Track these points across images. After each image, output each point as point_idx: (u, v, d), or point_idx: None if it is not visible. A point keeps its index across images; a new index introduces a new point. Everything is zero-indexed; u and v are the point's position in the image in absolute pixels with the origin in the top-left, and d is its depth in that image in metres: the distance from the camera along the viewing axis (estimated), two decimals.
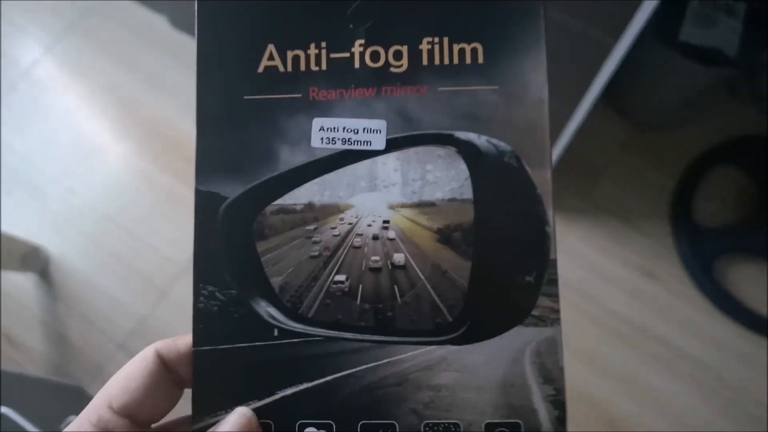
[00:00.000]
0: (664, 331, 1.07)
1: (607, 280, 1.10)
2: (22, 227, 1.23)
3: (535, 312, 0.31)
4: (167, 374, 0.30)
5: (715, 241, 1.05)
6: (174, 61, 1.31)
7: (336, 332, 0.32)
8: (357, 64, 0.32)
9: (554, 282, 0.31)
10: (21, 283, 1.20)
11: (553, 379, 0.30)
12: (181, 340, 0.32)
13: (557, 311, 0.31)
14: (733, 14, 0.87)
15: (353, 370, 0.31)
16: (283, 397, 0.31)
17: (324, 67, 0.33)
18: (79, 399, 1.01)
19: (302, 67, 0.33)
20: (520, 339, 0.31)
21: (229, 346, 0.32)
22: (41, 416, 0.81)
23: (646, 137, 1.17)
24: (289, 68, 0.33)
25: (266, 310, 0.32)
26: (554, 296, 0.31)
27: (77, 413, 0.30)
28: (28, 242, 1.19)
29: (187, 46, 1.26)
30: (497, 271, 0.31)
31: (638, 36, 0.71)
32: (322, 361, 0.31)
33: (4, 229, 1.17)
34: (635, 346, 1.07)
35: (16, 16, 1.40)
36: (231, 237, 0.32)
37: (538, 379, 0.30)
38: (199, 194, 0.32)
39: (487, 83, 0.32)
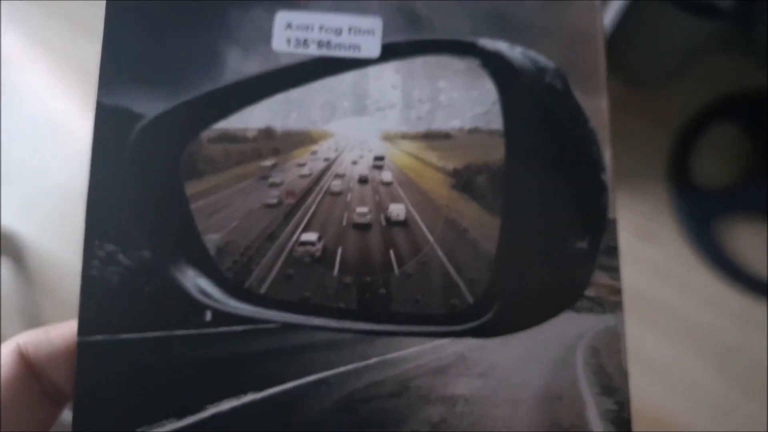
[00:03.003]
0: (662, 294, 1.01)
1: None
2: None
3: (589, 292, 0.22)
4: (35, 384, 0.22)
5: (713, 202, 1.03)
6: None
7: (301, 317, 0.22)
8: None
9: (614, 252, 0.22)
10: None
11: (614, 388, 0.21)
12: (57, 330, 0.22)
13: (619, 292, 0.22)
14: None
15: (326, 374, 0.21)
16: (215, 416, 0.21)
17: None
18: None
19: None
20: (569, 330, 0.22)
21: (133, 335, 0.21)
22: None
23: (639, 96, 1.12)
24: None
25: (195, 282, 0.22)
26: (614, 271, 0.22)
27: None
28: (1, 227, 1.11)
29: None
30: (537, 232, 0.22)
31: None
32: (278, 361, 0.21)
33: None
34: (632, 310, 1.02)
35: None
36: (146, 173, 0.22)
37: (594, 388, 0.21)
38: (101, 110, 0.22)
39: None
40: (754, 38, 1.04)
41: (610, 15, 0.72)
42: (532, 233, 0.22)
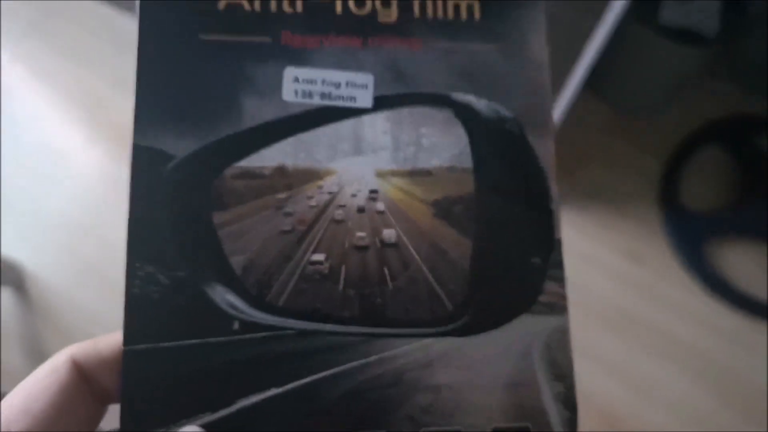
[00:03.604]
0: (654, 316, 1.04)
1: (594, 266, 1.07)
2: None
3: (542, 298, 0.27)
4: (85, 387, 0.24)
5: (703, 224, 1.04)
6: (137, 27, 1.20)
7: (313, 324, 0.26)
8: (339, 9, 0.28)
9: (560, 265, 0.28)
10: None
11: (563, 375, 0.27)
12: (105, 341, 0.25)
13: (565, 298, 0.27)
14: None
15: (335, 370, 0.25)
16: (244, 409, 0.25)
17: (299, 9, 0.27)
18: None
19: (273, 8, 0.27)
20: (527, 329, 0.27)
21: (172, 343, 0.25)
22: None
23: (629, 121, 1.17)
24: (257, 7, 0.27)
25: (224, 297, 0.25)
26: (561, 281, 0.27)
27: None
28: (1, 257, 1.11)
29: None
30: (502, 251, 0.27)
31: (618, 19, 0.72)
32: (295, 361, 0.25)
33: None
34: (625, 332, 1.03)
35: None
36: (179, 205, 0.26)
37: (547, 375, 0.27)
38: (137, 151, 0.26)
39: (486, 41, 0.28)
40: (738, 64, 1.07)
41: (596, 44, 0.74)
42: (497, 252, 0.27)
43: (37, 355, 1.08)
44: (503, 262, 0.27)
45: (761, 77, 1.05)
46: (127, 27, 1.21)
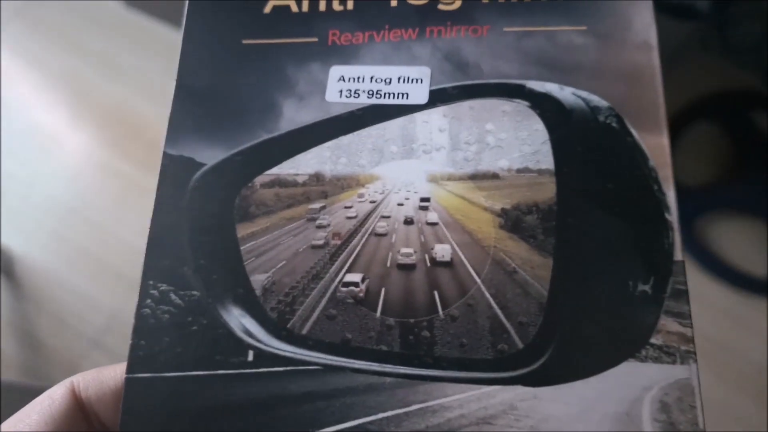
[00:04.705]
0: None
1: None
2: None
3: (655, 339, 0.19)
4: (81, 419, 0.22)
5: (694, 200, 1.03)
6: (128, 43, 1.26)
7: (342, 359, 0.21)
8: (394, 2, 0.24)
9: (683, 295, 0.20)
10: None
11: None
12: (108, 371, 0.22)
13: (691, 340, 0.20)
14: None
15: (367, 419, 0.20)
16: None
17: (350, 6, 0.24)
18: None
19: (321, 7, 0.25)
20: (633, 381, 0.19)
21: (179, 374, 0.21)
22: None
23: None
24: (305, 8, 0.25)
25: (239, 321, 0.22)
26: (684, 317, 0.20)
27: None
28: None
29: (142, 27, 1.24)
30: (594, 274, 0.21)
31: None
32: (316, 404, 0.20)
33: None
34: None
35: None
36: (202, 216, 0.23)
37: None
38: (167, 159, 0.24)
39: (571, 23, 0.23)
40: (730, 39, 1.04)
41: None
42: (588, 275, 0.21)
43: (29, 342, 1.09)
44: (597, 287, 0.20)
45: (753, 52, 1.04)
46: (113, 10, 1.23)
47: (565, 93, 0.22)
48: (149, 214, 0.24)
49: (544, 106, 0.23)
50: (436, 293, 0.21)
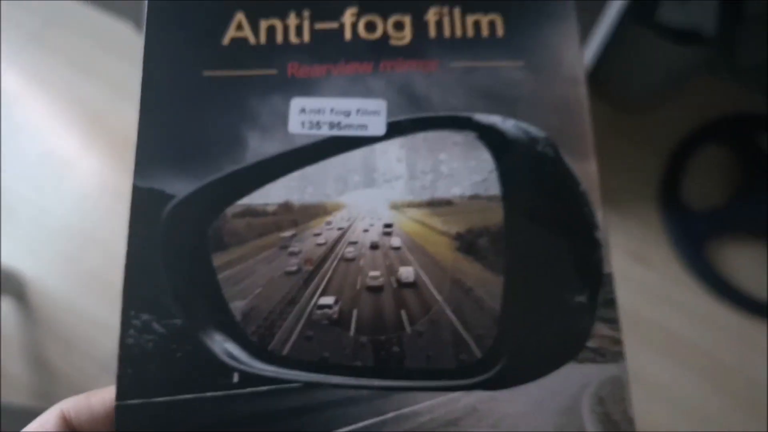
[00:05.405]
0: (657, 315, 1.02)
1: None
2: None
3: (591, 343, 0.23)
4: None
5: (704, 223, 1.03)
6: (140, 68, 1.25)
7: (321, 376, 0.23)
8: (348, 36, 0.26)
9: (612, 303, 0.23)
10: None
11: None
12: (98, 396, 0.23)
13: (620, 342, 0.23)
14: None
15: (346, 429, 0.22)
16: None
17: (307, 38, 0.26)
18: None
19: (279, 39, 0.26)
20: (573, 380, 0.23)
21: (167, 398, 0.22)
22: None
23: (628, 119, 1.15)
24: (262, 40, 0.26)
25: (223, 346, 0.23)
26: (613, 322, 0.23)
27: None
28: (2, 266, 1.12)
29: None
30: (538, 288, 0.24)
31: (617, 19, 0.71)
32: (301, 418, 0.22)
33: None
34: (628, 332, 1.01)
35: None
36: (177, 247, 0.24)
37: None
38: (136, 192, 0.24)
39: (510, 58, 0.26)
40: (737, 62, 1.06)
41: (595, 44, 0.74)
42: (533, 289, 0.24)
43: (40, 366, 1.08)
44: (541, 300, 0.24)
45: (760, 75, 1.05)
46: (127, 36, 1.21)
47: (507, 125, 0.25)
48: None
49: (490, 137, 0.25)
50: (403, 312, 0.24)
